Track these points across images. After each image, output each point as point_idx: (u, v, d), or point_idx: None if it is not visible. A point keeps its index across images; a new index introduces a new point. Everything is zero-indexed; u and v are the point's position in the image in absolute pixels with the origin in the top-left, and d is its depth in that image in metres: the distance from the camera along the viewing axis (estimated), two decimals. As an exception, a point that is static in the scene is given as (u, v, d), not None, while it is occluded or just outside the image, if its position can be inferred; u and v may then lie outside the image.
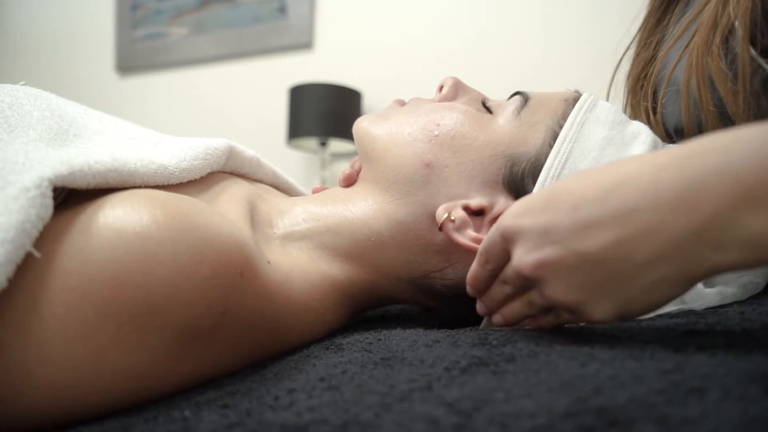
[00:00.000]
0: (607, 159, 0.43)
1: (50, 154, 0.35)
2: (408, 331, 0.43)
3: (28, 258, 0.29)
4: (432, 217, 0.45)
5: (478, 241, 0.43)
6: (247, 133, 2.09)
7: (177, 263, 0.31)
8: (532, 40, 1.71)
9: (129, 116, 2.29)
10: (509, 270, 0.33)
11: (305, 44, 2.00)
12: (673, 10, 0.60)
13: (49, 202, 0.30)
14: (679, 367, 0.24)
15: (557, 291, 0.30)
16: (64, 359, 0.29)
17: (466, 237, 0.43)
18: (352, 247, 0.46)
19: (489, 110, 0.48)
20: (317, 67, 1.98)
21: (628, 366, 0.26)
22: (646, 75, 0.58)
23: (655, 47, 0.59)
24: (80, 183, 0.33)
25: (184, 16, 2.21)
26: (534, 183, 0.43)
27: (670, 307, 0.38)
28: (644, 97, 0.57)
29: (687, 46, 0.50)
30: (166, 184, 0.42)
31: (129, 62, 2.31)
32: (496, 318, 0.37)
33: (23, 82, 0.48)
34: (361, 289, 0.47)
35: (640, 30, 0.64)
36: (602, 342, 0.31)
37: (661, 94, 0.54)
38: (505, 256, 0.34)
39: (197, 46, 2.18)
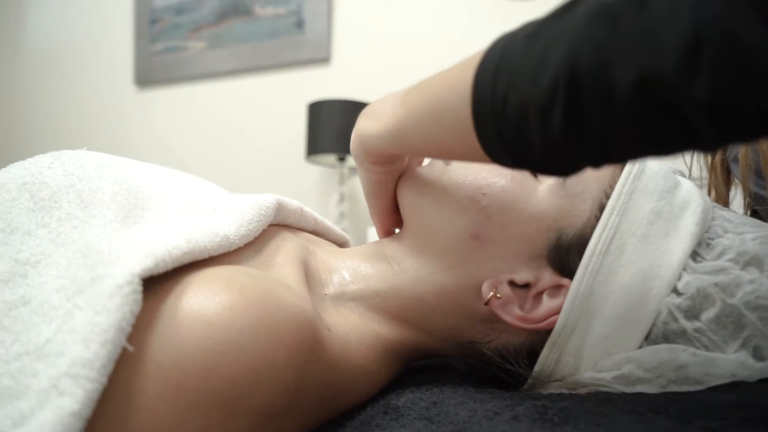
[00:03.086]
0: (656, 234, 0.42)
1: (130, 240, 0.36)
2: (459, 390, 0.44)
3: (122, 352, 0.31)
4: (478, 287, 0.45)
5: (523, 320, 0.43)
6: (264, 147, 2.11)
7: (258, 350, 0.33)
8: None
9: (147, 129, 2.34)
10: None
11: (323, 59, 2.02)
12: None
13: (140, 297, 0.32)
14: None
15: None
16: (161, 449, 0.31)
17: (511, 315, 0.44)
18: (401, 310, 0.47)
19: None
20: (335, 82, 2.00)
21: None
22: None
23: None
24: (161, 270, 0.35)
25: (201, 30, 2.23)
26: (579, 258, 0.42)
27: (719, 380, 0.39)
28: None
29: None
30: (228, 251, 0.44)
31: (147, 75, 2.34)
32: None
33: (86, 148, 0.49)
34: (411, 349, 0.49)
35: None
36: (662, 423, 0.33)
37: None
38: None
39: (215, 60, 2.21)
